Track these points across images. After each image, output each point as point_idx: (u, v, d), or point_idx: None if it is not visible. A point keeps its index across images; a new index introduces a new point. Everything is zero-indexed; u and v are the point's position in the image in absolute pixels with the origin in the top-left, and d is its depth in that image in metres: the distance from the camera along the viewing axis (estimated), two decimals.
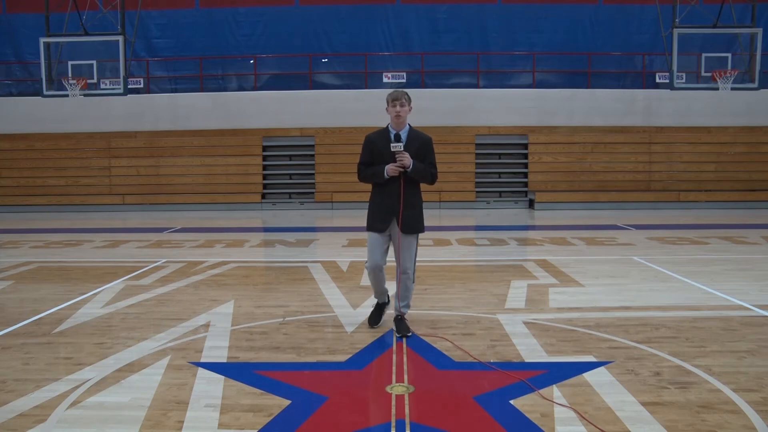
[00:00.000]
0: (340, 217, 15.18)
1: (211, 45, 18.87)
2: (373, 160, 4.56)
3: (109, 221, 14.78)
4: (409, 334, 4.57)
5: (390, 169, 4.44)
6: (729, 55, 15.41)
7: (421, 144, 4.54)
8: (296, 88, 18.40)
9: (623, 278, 6.95)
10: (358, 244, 9.79)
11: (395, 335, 4.56)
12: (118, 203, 17.70)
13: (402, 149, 4.40)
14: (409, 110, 4.53)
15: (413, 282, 4.75)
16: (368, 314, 5.03)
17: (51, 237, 11.37)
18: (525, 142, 18.06)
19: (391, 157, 4.44)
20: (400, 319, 4.69)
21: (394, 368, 3.90)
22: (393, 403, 3.37)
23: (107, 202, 17.72)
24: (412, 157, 4.42)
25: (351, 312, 5.39)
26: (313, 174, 18.11)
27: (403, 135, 4.52)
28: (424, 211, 4.71)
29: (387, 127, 4.60)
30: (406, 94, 4.54)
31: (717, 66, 15.34)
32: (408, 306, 4.76)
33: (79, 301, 5.92)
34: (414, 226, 4.57)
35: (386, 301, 4.93)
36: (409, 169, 4.42)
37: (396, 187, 4.49)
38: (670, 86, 15.41)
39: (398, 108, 4.47)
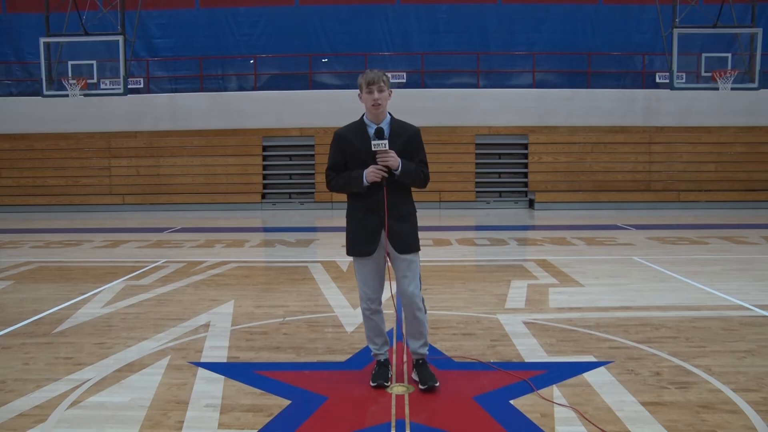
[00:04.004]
0: (340, 217, 15.11)
1: (211, 45, 18.88)
2: (347, 163, 3.56)
3: (109, 221, 14.78)
4: (437, 384, 3.53)
5: (370, 174, 3.45)
6: (729, 55, 15.42)
7: (409, 138, 3.56)
8: (296, 88, 18.41)
9: (623, 278, 6.95)
10: None
11: (419, 387, 3.55)
12: (118, 203, 17.69)
13: (386, 147, 3.43)
14: (389, 96, 3.52)
15: (425, 312, 3.65)
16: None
17: (51, 237, 11.37)
18: (525, 142, 18.06)
19: (372, 158, 3.47)
20: (422, 364, 3.64)
21: (394, 368, 3.90)
22: (393, 403, 3.37)
23: (107, 202, 17.72)
24: (398, 156, 3.47)
25: (351, 312, 5.38)
26: (313, 174, 18.10)
27: (385, 127, 3.51)
28: (423, 213, 3.90)
29: (362, 119, 3.58)
30: (385, 75, 3.52)
31: (717, 66, 15.35)
32: (426, 345, 3.68)
33: (79, 301, 5.92)
34: (408, 243, 3.57)
35: (388, 357, 3.80)
36: (396, 171, 3.46)
37: (381, 196, 3.50)
38: (670, 86, 15.42)
39: (376, 94, 3.45)
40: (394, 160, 3.44)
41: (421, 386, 3.53)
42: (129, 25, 15.20)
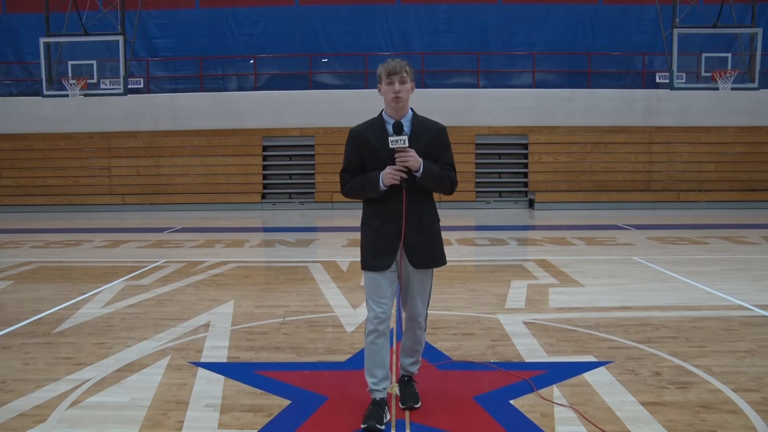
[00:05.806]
0: (340, 217, 15.18)
1: (211, 45, 18.89)
2: (364, 164, 3.15)
3: (109, 221, 14.77)
4: (417, 405, 3.28)
5: (387, 176, 3.02)
6: (729, 55, 15.42)
7: (433, 137, 3.14)
8: (296, 88, 18.41)
9: (623, 278, 6.95)
10: (358, 244, 9.78)
11: (399, 405, 3.31)
12: (118, 203, 17.69)
13: (406, 144, 3.01)
14: (412, 89, 3.13)
15: (425, 331, 3.38)
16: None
17: (51, 237, 11.37)
18: (525, 142, 18.07)
19: (390, 158, 3.05)
20: (407, 381, 3.40)
21: (394, 368, 3.90)
22: (393, 403, 3.37)
23: (107, 202, 17.72)
24: (420, 156, 3.04)
25: (351, 312, 5.38)
26: (313, 174, 18.11)
27: (406, 124, 3.09)
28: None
29: (380, 115, 3.18)
30: (408, 65, 3.13)
31: (717, 66, 15.35)
32: (418, 363, 3.47)
33: (79, 301, 5.92)
34: (430, 257, 3.21)
35: (386, 397, 3.22)
36: (417, 173, 3.05)
37: (400, 202, 3.10)
38: (670, 86, 15.43)
39: (397, 86, 3.05)
40: (415, 160, 3.01)
41: (401, 405, 3.29)
42: (129, 25, 15.20)
